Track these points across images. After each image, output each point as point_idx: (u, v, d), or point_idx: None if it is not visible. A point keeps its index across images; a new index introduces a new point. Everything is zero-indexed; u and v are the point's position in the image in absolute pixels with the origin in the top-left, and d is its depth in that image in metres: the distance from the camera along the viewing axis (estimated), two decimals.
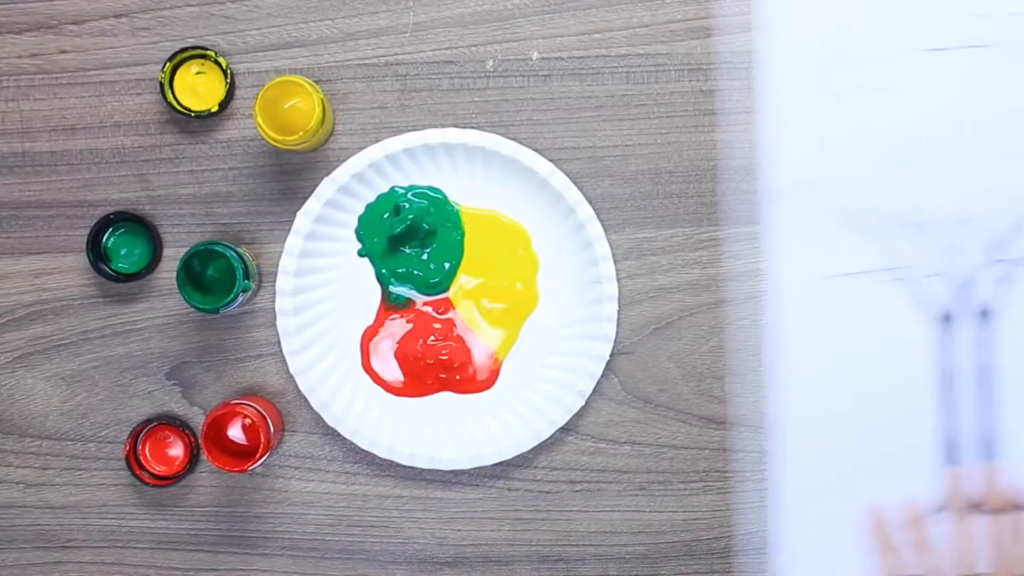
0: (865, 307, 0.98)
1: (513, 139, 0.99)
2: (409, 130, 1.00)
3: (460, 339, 1.01)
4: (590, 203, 0.99)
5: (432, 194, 1.01)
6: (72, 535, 1.03)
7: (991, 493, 0.93)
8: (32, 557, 1.03)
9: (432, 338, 1.01)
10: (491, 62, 1.00)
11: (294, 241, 0.99)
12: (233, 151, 1.01)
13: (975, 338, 0.97)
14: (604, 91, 1.00)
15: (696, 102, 1.00)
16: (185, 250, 0.97)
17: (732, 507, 1.01)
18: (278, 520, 1.02)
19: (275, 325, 1.01)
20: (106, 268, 1.00)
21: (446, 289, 1.01)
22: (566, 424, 1.00)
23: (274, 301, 1.00)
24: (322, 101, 0.95)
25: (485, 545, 1.02)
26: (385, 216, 1.01)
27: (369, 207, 1.01)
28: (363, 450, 1.01)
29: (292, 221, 1.00)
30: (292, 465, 1.02)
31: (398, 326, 1.01)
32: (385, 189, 1.01)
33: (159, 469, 1.02)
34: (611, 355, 1.00)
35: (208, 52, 1.00)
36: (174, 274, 0.97)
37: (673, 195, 1.01)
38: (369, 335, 1.02)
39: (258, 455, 0.96)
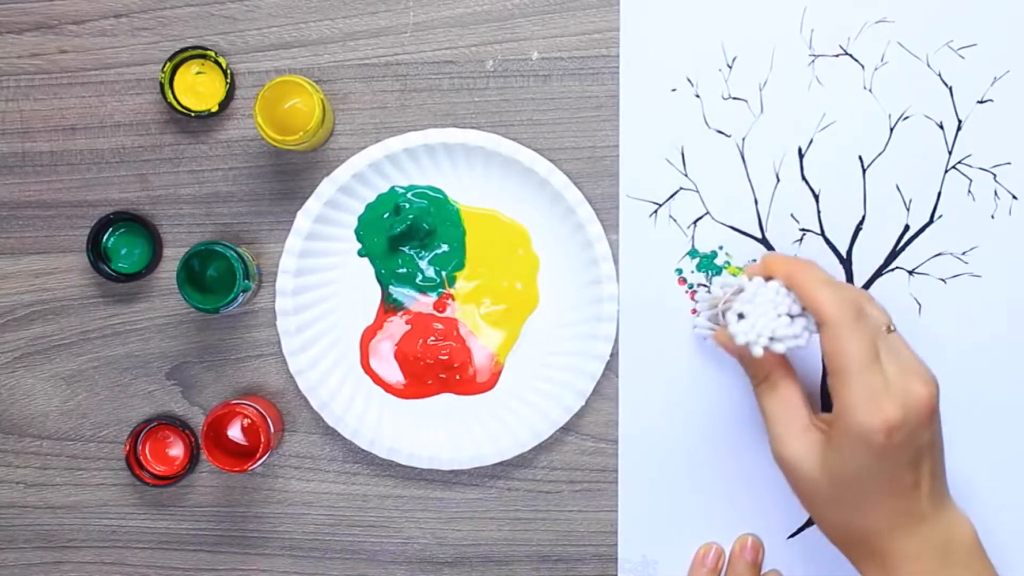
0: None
1: (513, 139, 0.99)
2: (409, 130, 1.00)
3: (460, 339, 1.01)
4: (590, 203, 0.99)
5: (432, 194, 1.01)
6: (72, 535, 1.03)
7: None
8: (32, 557, 1.03)
9: (432, 338, 1.01)
10: (491, 62, 1.00)
11: (294, 241, 0.99)
12: (233, 151, 1.01)
13: None
14: (604, 91, 1.00)
15: None
16: (185, 250, 0.97)
17: None
18: (278, 520, 1.02)
19: (275, 325, 1.01)
20: (106, 268, 1.00)
21: (446, 289, 1.01)
22: (566, 424, 1.00)
23: (274, 301, 1.00)
24: (322, 101, 0.95)
25: (485, 545, 1.02)
26: (385, 216, 1.01)
27: (369, 207, 1.01)
28: (363, 450, 1.01)
29: (292, 221, 1.00)
30: (292, 465, 1.02)
31: (398, 326, 1.01)
32: (385, 189, 1.01)
33: (159, 469, 1.02)
34: (611, 355, 1.00)
35: (208, 52, 1.00)
36: (174, 274, 0.97)
37: None
38: (369, 335, 1.02)
39: (258, 455, 0.96)
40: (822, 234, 0.98)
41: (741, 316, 0.88)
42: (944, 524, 0.85)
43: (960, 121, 0.97)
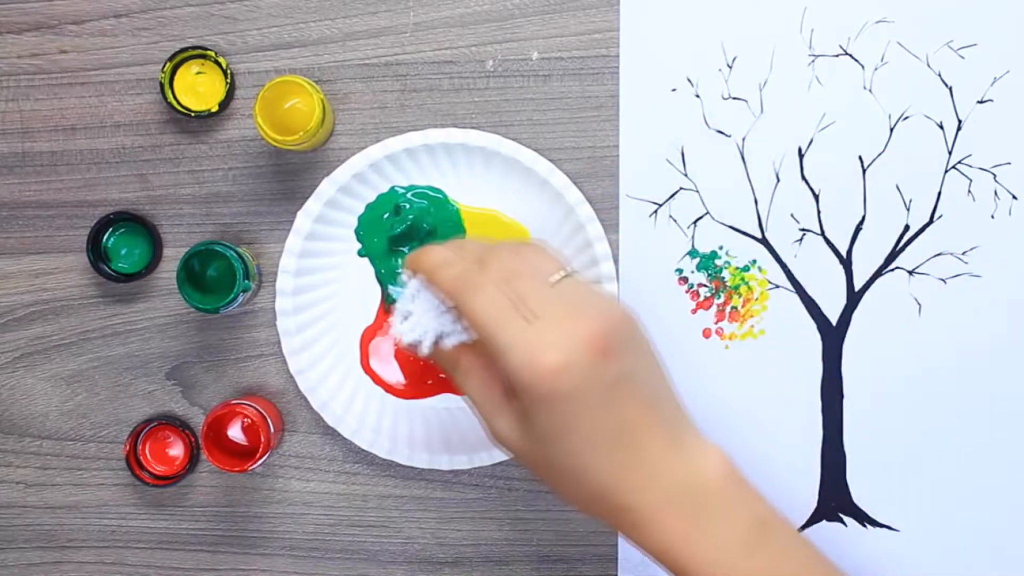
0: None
1: (513, 139, 0.99)
2: (409, 130, 1.00)
3: None
4: (590, 203, 0.99)
5: (432, 194, 1.01)
6: (72, 535, 1.03)
7: None
8: (32, 557, 1.03)
9: None
10: (491, 62, 1.00)
11: (294, 241, 0.99)
12: (233, 151, 1.01)
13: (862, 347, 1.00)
14: (604, 91, 1.00)
15: None
16: (185, 250, 0.97)
17: None
18: (278, 520, 1.02)
19: (275, 325, 1.01)
20: (106, 268, 1.00)
21: None
22: None
23: (274, 301, 1.00)
24: (322, 101, 0.95)
25: (485, 545, 1.02)
26: (385, 216, 1.00)
27: (369, 207, 1.01)
28: (363, 450, 1.01)
29: (292, 221, 0.99)
30: (292, 465, 1.02)
31: None
32: (385, 189, 1.01)
33: (159, 469, 1.02)
34: None
35: (208, 52, 1.00)
36: (174, 274, 0.97)
37: None
38: (369, 335, 1.02)
39: (258, 455, 0.96)
40: (822, 234, 0.98)
41: (408, 316, 0.84)
42: (684, 466, 0.76)
43: (960, 121, 0.97)
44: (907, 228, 0.98)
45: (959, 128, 0.97)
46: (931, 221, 0.97)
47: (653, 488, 0.75)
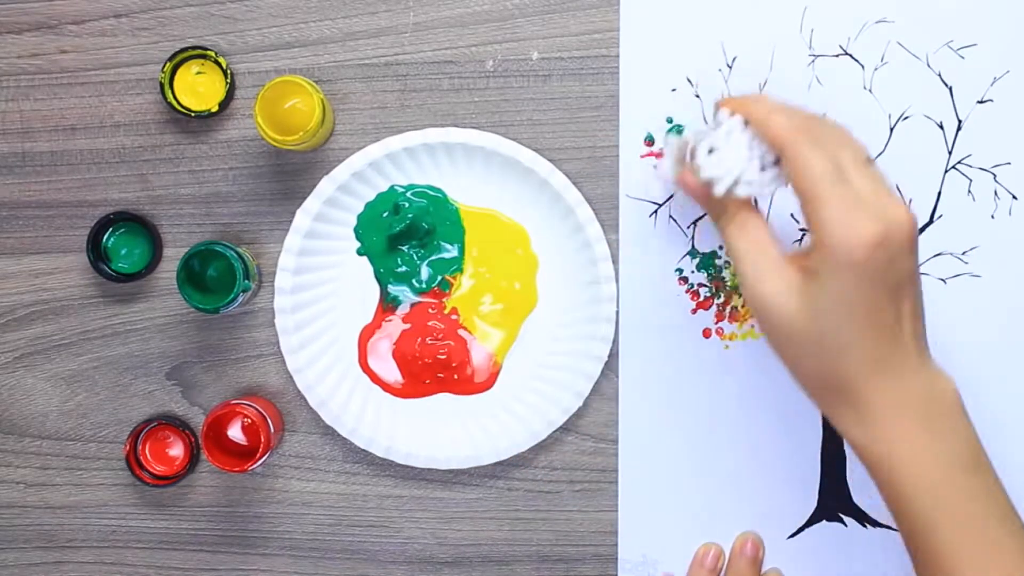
0: None
1: (513, 139, 0.99)
2: (409, 130, 1.00)
3: (459, 339, 1.01)
4: (590, 203, 0.99)
5: (432, 193, 1.01)
6: (72, 535, 1.03)
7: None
8: (32, 557, 1.03)
9: (430, 338, 1.01)
10: (491, 62, 1.00)
11: (293, 239, 0.99)
12: (233, 151, 1.01)
13: None
14: (604, 91, 1.00)
15: None
16: (185, 250, 0.97)
17: None
18: (278, 520, 1.02)
19: (274, 324, 1.01)
20: (106, 268, 1.00)
21: (445, 289, 1.01)
22: (566, 424, 1.00)
23: (273, 300, 1.00)
24: (322, 101, 0.95)
25: (485, 545, 1.02)
26: (384, 215, 1.00)
27: (368, 206, 1.01)
28: (363, 450, 1.01)
29: (292, 221, 0.99)
30: (292, 465, 1.02)
31: (396, 325, 1.01)
32: (385, 188, 1.01)
33: (159, 469, 1.02)
34: (611, 355, 1.00)
35: (208, 52, 1.00)
36: (174, 274, 0.97)
37: None
38: (367, 334, 1.02)
39: (258, 455, 0.96)
40: None
41: (712, 151, 0.84)
42: (926, 378, 0.81)
43: (960, 121, 0.97)
44: None
45: (959, 128, 0.97)
46: (931, 221, 0.97)
47: (893, 387, 0.79)
